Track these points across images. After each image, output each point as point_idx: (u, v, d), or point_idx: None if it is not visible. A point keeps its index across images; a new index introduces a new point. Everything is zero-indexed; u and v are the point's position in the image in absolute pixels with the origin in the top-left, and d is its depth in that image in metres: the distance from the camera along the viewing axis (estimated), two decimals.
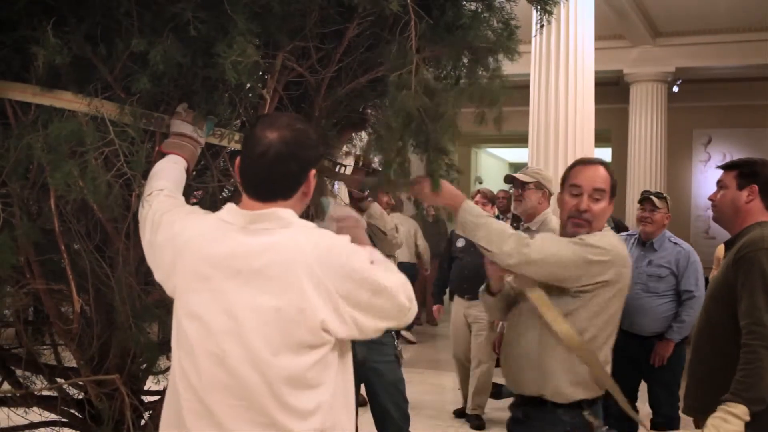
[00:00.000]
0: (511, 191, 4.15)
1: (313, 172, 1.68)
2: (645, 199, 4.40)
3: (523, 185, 3.92)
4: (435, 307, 5.89)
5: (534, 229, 3.83)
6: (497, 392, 5.48)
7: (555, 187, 3.58)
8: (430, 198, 2.27)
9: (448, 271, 5.67)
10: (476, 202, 5.26)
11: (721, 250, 5.81)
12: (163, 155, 1.95)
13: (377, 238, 3.58)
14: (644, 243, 4.38)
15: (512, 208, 4.16)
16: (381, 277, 1.61)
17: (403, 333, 8.23)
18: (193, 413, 1.59)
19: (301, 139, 1.64)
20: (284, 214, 1.62)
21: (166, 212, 1.75)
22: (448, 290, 5.88)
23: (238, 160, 1.69)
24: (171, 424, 1.66)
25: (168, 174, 1.88)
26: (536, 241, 2.31)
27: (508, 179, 4.17)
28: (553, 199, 4.02)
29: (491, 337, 5.35)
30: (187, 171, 1.97)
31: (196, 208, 1.82)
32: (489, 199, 5.46)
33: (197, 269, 1.62)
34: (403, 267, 2.17)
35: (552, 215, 3.93)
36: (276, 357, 1.54)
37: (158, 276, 1.74)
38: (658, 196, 4.40)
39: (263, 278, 1.55)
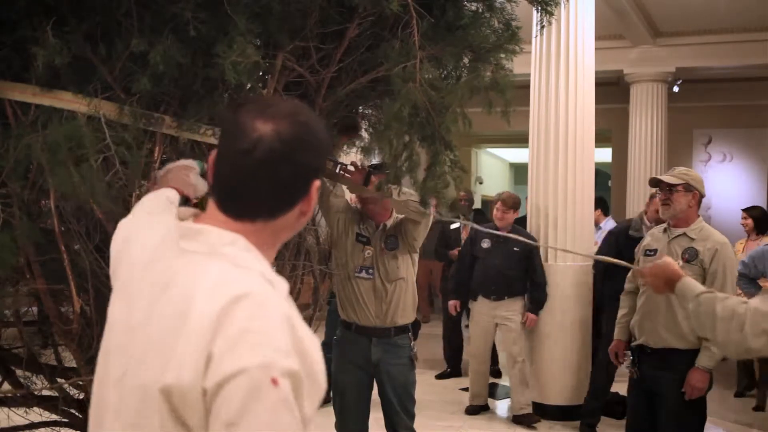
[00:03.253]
0: (657, 196, 3.80)
1: (317, 184, 1.19)
2: None
3: (670, 188, 3.54)
4: (452, 303, 5.81)
5: (694, 237, 3.49)
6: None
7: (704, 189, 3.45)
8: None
9: (470, 269, 5.52)
10: (496, 210, 5.29)
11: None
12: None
13: (414, 224, 3.45)
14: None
15: (660, 212, 3.68)
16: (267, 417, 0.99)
17: None
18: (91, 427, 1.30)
19: (305, 137, 1.15)
20: (219, 238, 1.15)
21: (126, 218, 1.48)
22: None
23: (212, 155, 1.21)
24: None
25: (159, 193, 1.63)
26: None
27: (653, 182, 3.65)
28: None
29: (522, 337, 5.41)
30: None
31: (162, 213, 1.49)
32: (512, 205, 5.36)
33: (123, 274, 1.30)
34: None
35: (709, 227, 3.61)
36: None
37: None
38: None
39: (156, 313, 1.14)
